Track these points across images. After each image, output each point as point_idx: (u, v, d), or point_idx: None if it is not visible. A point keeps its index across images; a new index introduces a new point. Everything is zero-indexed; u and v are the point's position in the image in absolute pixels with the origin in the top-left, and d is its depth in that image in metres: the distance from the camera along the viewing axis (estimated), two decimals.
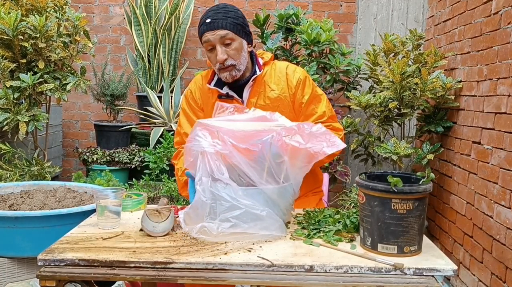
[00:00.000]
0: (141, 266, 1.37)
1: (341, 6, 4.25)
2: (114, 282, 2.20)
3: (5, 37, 2.81)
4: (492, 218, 2.46)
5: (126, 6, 4.26)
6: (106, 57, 4.39)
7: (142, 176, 3.70)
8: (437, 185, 3.33)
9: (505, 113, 2.39)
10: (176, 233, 1.59)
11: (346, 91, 3.51)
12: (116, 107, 4.02)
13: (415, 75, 3.04)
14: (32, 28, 2.84)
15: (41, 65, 2.91)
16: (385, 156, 3.01)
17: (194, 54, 4.39)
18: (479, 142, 2.68)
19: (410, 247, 1.42)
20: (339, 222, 1.62)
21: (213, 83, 2.06)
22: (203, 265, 1.36)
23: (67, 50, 3.04)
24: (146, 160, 3.73)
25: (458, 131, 3.03)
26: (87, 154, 3.78)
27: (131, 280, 1.37)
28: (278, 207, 1.55)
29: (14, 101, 2.86)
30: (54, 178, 3.49)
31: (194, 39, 4.37)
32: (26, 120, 2.86)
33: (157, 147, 3.72)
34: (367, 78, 3.56)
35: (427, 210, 3.46)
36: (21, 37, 2.85)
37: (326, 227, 1.61)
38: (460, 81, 3.04)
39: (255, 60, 2.07)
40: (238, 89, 2.04)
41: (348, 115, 3.47)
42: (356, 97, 3.16)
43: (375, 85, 3.46)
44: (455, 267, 1.37)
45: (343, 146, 1.56)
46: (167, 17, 4.09)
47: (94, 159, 3.75)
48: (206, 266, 1.36)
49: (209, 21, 1.92)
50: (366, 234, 1.46)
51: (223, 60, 1.93)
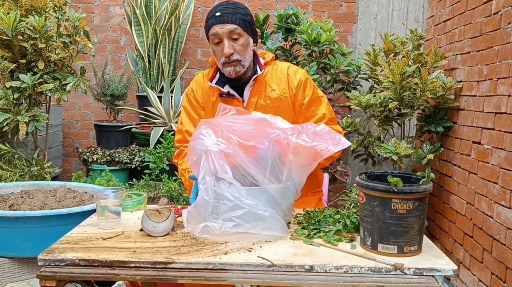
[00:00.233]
0: (141, 266, 1.37)
1: (341, 6, 4.25)
2: (114, 282, 2.20)
3: (4, 37, 2.81)
4: (492, 218, 2.46)
5: (126, 6, 4.26)
6: (106, 57, 4.39)
7: (142, 176, 3.70)
8: (437, 185, 3.33)
9: (505, 113, 2.39)
10: (176, 233, 1.59)
11: (346, 91, 3.51)
12: (116, 107, 4.02)
13: (415, 75, 3.04)
14: (31, 28, 2.84)
15: (41, 65, 2.91)
16: (385, 156, 3.01)
17: (194, 54, 4.39)
18: (479, 142, 2.68)
19: (410, 247, 1.42)
20: (339, 222, 1.62)
21: (214, 81, 2.06)
22: (203, 265, 1.36)
23: (67, 51, 3.04)
24: (146, 160, 3.73)
25: (458, 131, 3.03)
26: (87, 154, 3.78)
27: (131, 280, 1.37)
28: (280, 206, 1.55)
29: (14, 101, 2.86)
30: (54, 178, 3.49)
31: (194, 39, 4.37)
32: (26, 120, 2.86)
33: (157, 147, 3.72)
34: (367, 78, 3.56)
35: (427, 210, 3.46)
36: (20, 37, 2.85)
37: (326, 227, 1.61)
38: (460, 81, 3.04)
39: (257, 59, 2.07)
40: (239, 88, 2.04)
41: (348, 115, 3.47)
42: (356, 97, 3.16)
43: (375, 85, 3.46)
44: (455, 267, 1.37)
45: (348, 144, 1.58)
46: (167, 17, 4.09)
47: (94, 159, 3.75)
48: (206, 266, 1.36)
49: (219, 14, 1.94)
50: (366, 234, 1.46)
51: (230, 54, 1.93)
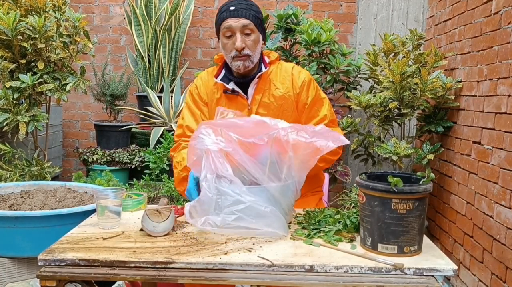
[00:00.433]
0: (141, 266, 1.37)
1: (341, 6, 4.25)
2: (114, 282, 2.20)
3: (4, 37, 2.81)
4: (492, 218, 2.46)
5: (126, 6, 4.26)
6: (106, 57, 4.39)
7: (142, 176, 3.70)
8: (437, 185, 3.33)
9: (505, 113, 2.39)
10: (176, 233, 1.59)
11: (346, 91, 3.51)
12: (116, 107, 4.02)
13: (415, 75, 3.04)
14: (31, 28, 2.84)
15: (40, 65, 2.91)
16: (385, 156, 3.01)
17: (194, 54, 4.39)
18: (479, 142, 2.68)
19: (410, 247, 1.42)
20: (339, 222, 1.62)
21: (219, 78, 2.08)
22: (203, 265, 1.36)
23: (67, 51, 3.04)
24: (146, 160, 3.73)
25: (458, 131, 3.03)
26: (87, 154, 3.78)
27: (131, 280, 1.37)
28: (280, 205, 1.56)
29: (14, 101, 2.86)
30: (54, 178, 3.49)
31: (194, 39, 4.37)
32: (26, 120, 2.86)
33: (157, 147, 3.72)
34: (367, 78, 3.56)
35: (427, 210, 3.46)
36: (20, 37, 2.85)
37: (326, 227, 1.61)
38: (460, 81, 3.04)
39: (262, 58, 2.10)
40: (244, 86, 2.07)
41: (348, 115, 3.47)
42: (356, 97, 3.16)
43: (375, 85, 3.46)
44: (455, 267, 1.37)
45: (348, 142, 1.59)
46: (167, 17, 4.09)
47: (94, 159, 3.75)
48: (206, 266, 1.36)
49: (233, 8, 1.97)
50: (366, 234, 1.46)
51: (241, 48, 1.96)
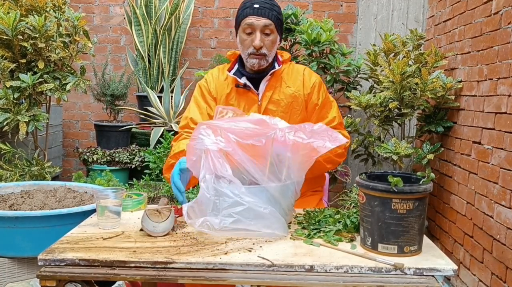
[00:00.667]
0: (141, 266, 1.37)
1: (341, 6, 4.25)
2: (114, 282, 2.20)
3: (4, 37, 2.81)
4: (492, 218, 2.46)
5: (126, 6, 4.26)
6: (106, 57, 4.39)
7: (142, 176, 3.70)
8: (437, 185, 3.33)
9: (505, 113, 2.39)
10: (176, 233, 1.59)
11: (346, 91, 3.51)
12: (116, 107, 4.02)
13: (415, 75, 3.04)
14: (31, 28, 2.84)
15: (40, 65, 2.91)
16: (385, 155, 3.01)
17: (194, 54, 4.39)
18: (480, 142, 2.68)
19: (410, 247, 1.42)
20: (339, 222, 1.62)
21: (232, 72, 2.11)
22: (204, 265, 1.36)
23: (67, 50, 3.04)
24: (146, 160, 3.73)
25: (458, 131, 3.03)
26: (87, 154, 3.78)
27: (131, 280, 1.37)
28: (280, 205, 1.56)
29: (14, 101, 2.86)
30: (54, 178, 3.49)
31: (194, 39, 4.37)
32: (26, 120, 2.86)
33: (157, 147, 3.72)
34: (367, 78, 3.56)
35: (427, 210, 3.46)
36: (20, 37, 2.85)
37: (326, 227, 1.61)
38: (460, 81, 3.04)
39: (275, 56, 2.14)
40: (256, 81, 2.10)
41: (348, 115, 3.47)
42: (356, 97, 3.16)
43: (375, 85, 3.46)
44: (455, 267, 1.37)
45: (346, 141, 1.59)
46: (167, 17, 4.09)
47: (95, 159, 3.75)
48: (206, 266, 1.36)
49: (257, 6, 2.00)
50: (366, 234, 1.46)
51: (260, 47, 2.00)
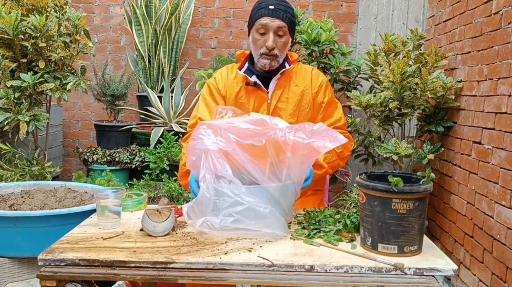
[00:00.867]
0: (141, 266, 1.37)
1: (341, 6, 4.24)
2: (114, 282, 2.20)
3: (5, 36, 2.81)
4: (492, 218, 2.46)
5: (127, 6, 4.26)
6: (106, 57, 4.39)
7: (143, 176, 3.70)
8: (437, 185, 3.33)
9: (505, 113, 2.39)
10: (176, 233, 1.59)
11: (346, 91, 3.51)
12: (116, 107, 4.02)
13: (416, 75, 3.04)
14: (32, 27, 2.84)
15: (41, 65, 2.91)
16: (385, 155, 3.00)
17: (195, 54, 4.39)
18: (480, 142, 2.68)
19: (410, 247, 1.42)
20: (340, 222, 1.62)
21: (242, 70, 2.15)
22: (204, 265, 1.36)
23: (68, 50, 3.04)
24: (146, 160, 3.73)
25: (458, 131, 3.03)
26: (88, 154, 3.78)
27: (132, 280, 1.37)
28: (280, 205, 1.56)
29: (15, 101, 2.86)
30: (54, 178, 3.49)
31: (194, 39, 4.37)
32: (27, 120, 2.86)
33: (157, 147, 3.72)
34: (368, 78, 3.56)
35: (428, 210, 3.45)
36: (21, 36, 2.85)
37: (326, 227, 1.61)
38: (460, 81, 3.03)
39: (286, 56, 2.17)
40: (265, 80, 2.13)
41: (348, 115, 3.47)
42: (356, 97, 3.16)
43: (376, 85, 3.46)
44: (456, 267, 1.37)
45: (346, 141, 1.60)
46: (168, 17, 4.09)
47: (95, 159, 3.75)
48: (206, 266, 1.36)
49: (272, 7, 2.03)
50: (366, 234, 1.46)
51: (272, 48, 2.03)
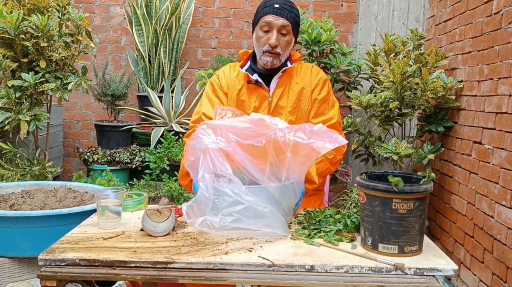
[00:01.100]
0: (141, 266, 1.37)
1: (341, 6, 4.25)
2: (114, 282, 2.20)
3: (7, 36, 2.81)
4: (493, 218, 2.46)
5: (127, 6, 4.26)
6: (106, 57, 4.39)
7: (143, 176, 3.70)
8: (437, 185, 3.33)
9: (506, 113, 2.39)
10: (176, 233, 1.59)
11: (346, 91, 3.51)
12: (116, 107, 4.02)
13: (416, 75, 3.04)
14: (34, 27, 2.84)
15: (42, 64, 2.91)
16: (386, 155, 3.00)
17: (195, 54, 4.39)
18: (480, 142, 2.68)
19: (411, 247, 1.42)
20: (340, 222, 1.62)
21: (244, 68, 2.17)
22: (204, 265, 1.36)
23: (69, 50, 3.04)
24: (146, 160, 3.73)
25: (459, 131, 3.03)
26: (88, 154, 3.78)
27: (132, 280, 1.37)
28: (280, 206, 1.56)
29: (16, 100, 2.86)
30: (55, 178, 3.49)
31: (194, 39, 4.37)
32: (28, 119, 2.86)
33: (157, 147, 3.72)
34: (368, 78, 3.56)
35: (428, 210, 3.45)
36: (22, 36, 2.85)
37: (326, 227, 1.61)
38: (461, 81, 3.03)
39: (289, 55, 2.19)
40: (267, 78, 2.14)
41: (349, 115, 3.47)
42: (357, 97, 3.16)
43: (376, 85, 3.46)
44: (456, 267, 1.37)
45: (345, 142, 1.60)
46: (168, 17, 4.09)
47: (95, 158, 3.75)
48: (206, 266, 1.36)
49: (278, 6, 2.05)
50: (366, 234, 1.46)
51: (275, 45, 2.05)
